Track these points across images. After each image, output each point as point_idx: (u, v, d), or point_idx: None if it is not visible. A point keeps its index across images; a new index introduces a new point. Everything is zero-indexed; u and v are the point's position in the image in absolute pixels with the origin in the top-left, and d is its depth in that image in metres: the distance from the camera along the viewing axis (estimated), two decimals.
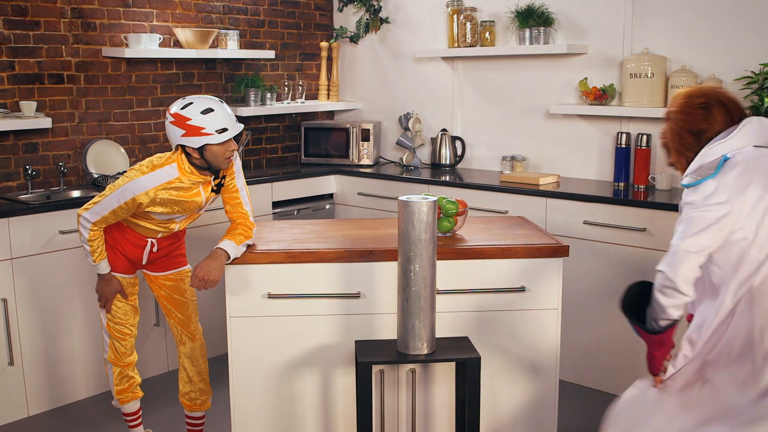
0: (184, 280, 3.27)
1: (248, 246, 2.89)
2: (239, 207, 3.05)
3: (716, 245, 2.20)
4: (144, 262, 3.19)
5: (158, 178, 2.89)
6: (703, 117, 2.33)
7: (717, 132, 2.31)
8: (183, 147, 2.88)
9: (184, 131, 2.83)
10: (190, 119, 2.82)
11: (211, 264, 2.78)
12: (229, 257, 2.78)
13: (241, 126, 2.96)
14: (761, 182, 2.19)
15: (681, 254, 2.20)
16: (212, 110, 2.85)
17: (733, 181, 2.19)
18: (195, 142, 2.83)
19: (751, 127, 2.28)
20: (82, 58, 4.33)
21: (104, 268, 3.09)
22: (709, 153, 2.27)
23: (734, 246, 2.20)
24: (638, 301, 2.41)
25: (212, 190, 3.04)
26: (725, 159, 2.24)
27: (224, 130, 2.86)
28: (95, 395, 4.03)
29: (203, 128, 2.82)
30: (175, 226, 3.12)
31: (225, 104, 2.92)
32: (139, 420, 3.36)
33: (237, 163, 3.09)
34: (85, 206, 2.97)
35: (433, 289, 2.39)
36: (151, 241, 3.14)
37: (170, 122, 2.87)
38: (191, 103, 2.85)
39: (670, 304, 2.26)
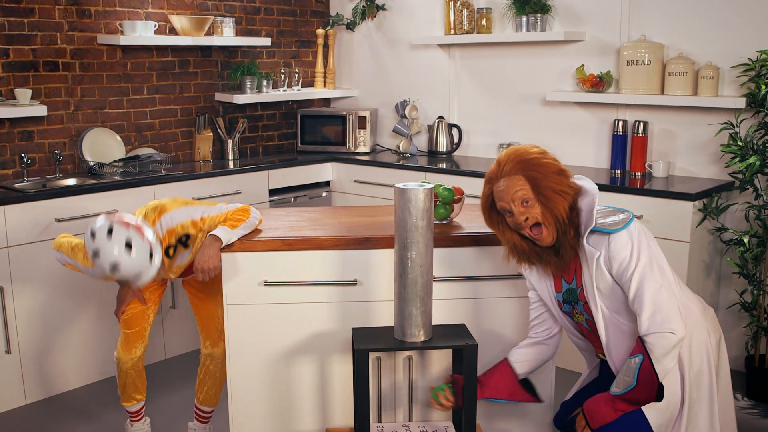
0: (205, 282, 3.16)
1: (254, 228, 2.83)
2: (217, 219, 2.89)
3: None
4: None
5: None
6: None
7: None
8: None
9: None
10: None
11: (205, 253, 2.76)
12: (222, 242, 2.76)
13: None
14: None
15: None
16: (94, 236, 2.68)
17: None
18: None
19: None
20: (77, 46, 4.31)
21: None
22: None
23: None
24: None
25: (168, 256, 2.96)
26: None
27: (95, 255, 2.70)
28: (92, 383, 4.04)
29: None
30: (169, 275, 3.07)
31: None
32: (141, 415, 3.38)
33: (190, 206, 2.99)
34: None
35: (429, 276, 2.39)
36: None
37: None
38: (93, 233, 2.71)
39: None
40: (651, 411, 2.27)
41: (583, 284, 2.31)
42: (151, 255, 2.72)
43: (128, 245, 2.66)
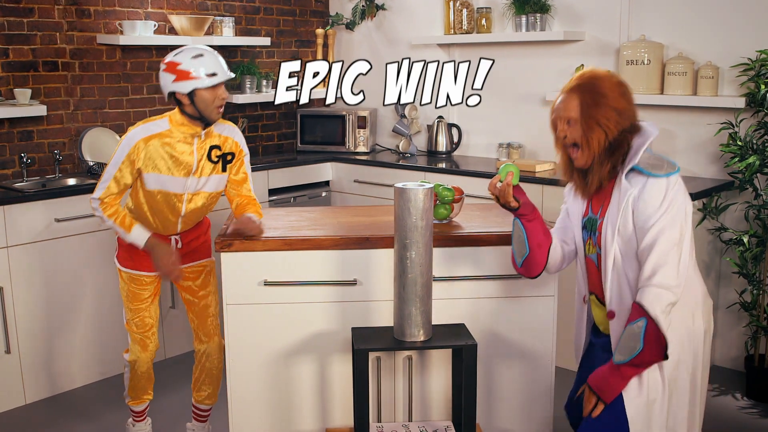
0: (202, 273, 3.22)
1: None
2: (248, 191, 3.14)
3: None
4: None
5: (148, 129, 2.94)
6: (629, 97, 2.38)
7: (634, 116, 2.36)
8: (174, 96, 2.91)
9: (174, 76, 2.87)
10: (180, 63, 2.86)
11: (246, 225, 2.83)
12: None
13: (232, 74, 2.99)
14: None
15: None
16: (202, 55, 2.89)
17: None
18: (185, 86, 2.86)
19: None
20: (77, 46, 4.31)
21: (143, 233, 2.99)
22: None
23: None
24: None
25: (210, 160, 3.02)
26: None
27: (213, 74, 2.88)
28: (92, 383, 4.04)
29: (191, 72, 2.85)
30: (181, 207, 3.04)
31: (217, 53, 2.97)
32: (144, 415, 3.38)
33: (246, 150, 3.16)
34: (92, 194, 3.01)
35: (429, 276, 2.39)
36: (174, 238, 3.13)
37: (163, 70, 2.91)
38: (180, 51, 2.90)
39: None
40: (630, 397, 2.29)
41: (606, 217, 2.33)
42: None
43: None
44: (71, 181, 4.14)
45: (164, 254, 3.00)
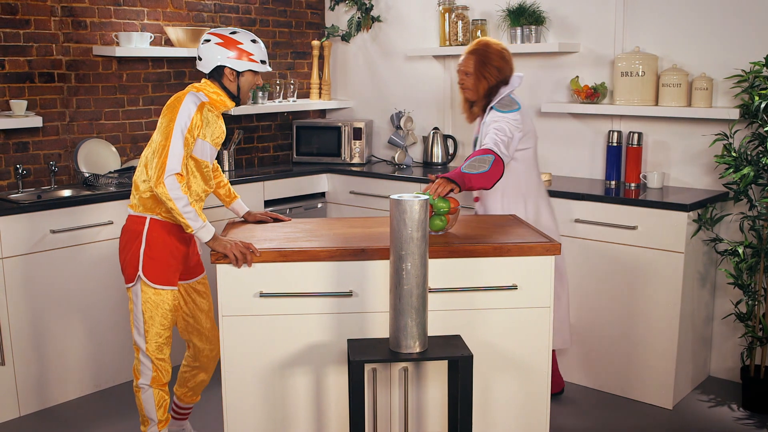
0: (205, 287, 3.28)
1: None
2: (216, 167, 3.31)
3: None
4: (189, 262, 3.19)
5: (198, 96, 2.97)
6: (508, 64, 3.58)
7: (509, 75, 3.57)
8: (221, 70, 3.00)
9: (233, 53, 2.99)
10: (242, 43, 3.01)
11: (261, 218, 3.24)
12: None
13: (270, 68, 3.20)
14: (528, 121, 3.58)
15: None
16: (257, 42, 3.07)
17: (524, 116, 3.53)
18: (241, 65, 3.00)
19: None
20: (73, 57, 4.31)
21: (211, 227, 2.86)
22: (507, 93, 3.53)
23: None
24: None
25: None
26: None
27: (264, 62, 3.09)
28: (86, 395, 4.02)
29: (252, 54, 3.02)
30: (212, 183, 3.15)
31: None
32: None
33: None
34: (157, 176, 2.82)
35: (425, 287, 2.39)
36: (194, 236, 3.08)
37: (217, 43, 2.99)
38: (237, 32, 3.04)
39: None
40: None
41: (479, 133, 3.56)
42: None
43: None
44: (67, 193, 4.14)
45: (230, 238, 2.84)
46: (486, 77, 3.50)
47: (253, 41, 3.05)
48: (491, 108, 3.48)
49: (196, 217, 2.83)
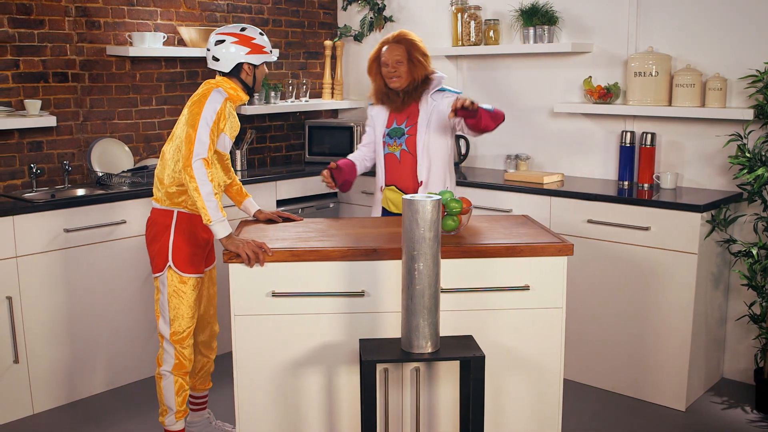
0: (214, 275, 3.41)
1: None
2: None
3: None
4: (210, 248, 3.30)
5: (221, 92, 3.05)
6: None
7: None
8: (237, 68, 3.09)
9: (249, 49, 3.09)
10: (254, 38, 3.11)
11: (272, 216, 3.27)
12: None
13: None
14: None
15: None
16: (263, 34, 3.17)
17: None
18: (257, 59, 3.12)
19: None
20: (87, 57, 4.33)
21: (228, 225, 2.86)
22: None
23: None
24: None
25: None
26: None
27: (272, 51, 3.20)
28: (100, 393, 4.04)
29: (264, 47, 3.14)
30: (231, 174, 3.31)
31: None
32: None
33: None
34: (185, 159, 2.89)
35: (437, 287, 2.39)
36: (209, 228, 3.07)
37: (233, 42, 3.07)
38: (246, 28, 3.13)
39: None
40: None
41: (418, 123, 3.50)
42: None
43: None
44: (80, 192, 4.16)
45: (243, 237, 2.87)
46: (422, 62, 3.50)
47: (262, 34, 3.17)
48: (439, 90, 3.51)
49: (217, 210, 2.86)
